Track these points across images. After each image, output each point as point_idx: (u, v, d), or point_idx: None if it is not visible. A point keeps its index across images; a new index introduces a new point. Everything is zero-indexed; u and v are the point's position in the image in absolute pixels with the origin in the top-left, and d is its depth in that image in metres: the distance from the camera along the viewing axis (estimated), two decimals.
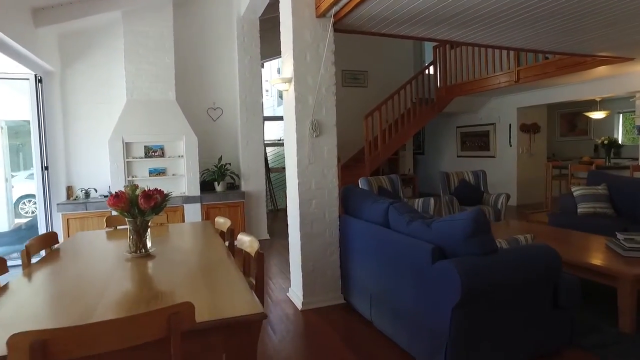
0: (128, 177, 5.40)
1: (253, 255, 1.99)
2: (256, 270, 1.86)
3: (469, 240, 2.14)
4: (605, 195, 4.56)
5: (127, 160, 5.39)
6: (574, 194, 4.69)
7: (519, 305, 2.24)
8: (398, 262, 2.49)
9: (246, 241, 2.17)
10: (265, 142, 9.00)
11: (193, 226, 3.15)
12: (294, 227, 3.43)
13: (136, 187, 2.15)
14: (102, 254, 2.40)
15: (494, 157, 8.89)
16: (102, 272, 2.00)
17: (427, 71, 8.80)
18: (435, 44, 9.16)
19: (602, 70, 6.01)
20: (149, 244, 2.23)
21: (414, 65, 9.98)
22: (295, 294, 3.47)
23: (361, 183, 5.07)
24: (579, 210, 4.59)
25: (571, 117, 10.85)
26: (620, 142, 9.77)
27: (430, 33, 3.78)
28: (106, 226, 3.11)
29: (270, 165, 8.92)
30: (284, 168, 8.79)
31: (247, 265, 2.26)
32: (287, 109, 3.45)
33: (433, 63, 8.82)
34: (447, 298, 2.06)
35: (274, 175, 9.13)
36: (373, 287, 2.86)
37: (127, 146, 5.41)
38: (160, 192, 2.20)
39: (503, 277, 2.14)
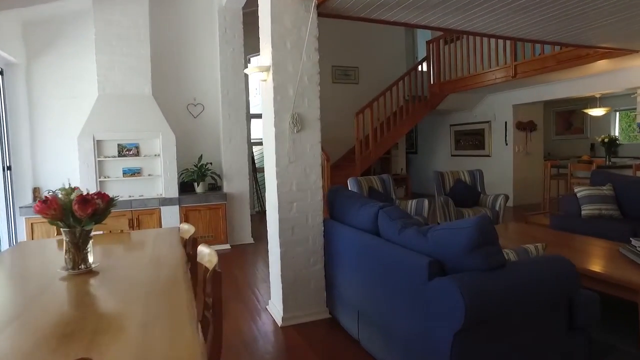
0: (100, 178, 5.00)
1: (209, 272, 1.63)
2: (212, 294, 1.50)
3: (472, 252, 1.79)
4: (611, 197, 4.26)
5: (99, 159, 4.99)
6: (578, 194, 4.38)
7: (530, 328, 1.91)
8: (389, 277, 2.14)
9: (205, 254, 1.82)
10: (252, 140, 8.65)
11: (157, 234, 2.78)
12: (272, 233, 3.08)
13: (73, 190, 1.77)
14: (38, 270, 2.03)
15: (489, 156, 8.59)
16: (26, 294, 1.63)
17: (420, 67, 8.48)
18: (428, 39, 8.85)
19: (601, 65, 5.73)
20: (91, 259, 1.86)
21: (406, 62, 9.66)
22: (276, 307, 3.12)
23: (350, 184, 4.72)
24: (583, 212, 4.28)
25: (567, 115, 10.61)
26: (618, 140, 9.53)
27: (423, 19, 3.44)
28: (57, 234, 2.72)
29: (257, 165, 8.54)
30: None
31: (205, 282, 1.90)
32: (265, 101, 3.10)
33: (426, 59, 8.51)
34: (448, 322, 1.72)
35: (262, 175, 8.75)
36: (360, 304, 2.51)
37: (99, 144, 5.01)
38: (103, 195, 1.83)
39: (513, 296, 1.80)
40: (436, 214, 5.04)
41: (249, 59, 8.36)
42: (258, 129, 8.72)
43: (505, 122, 8.16)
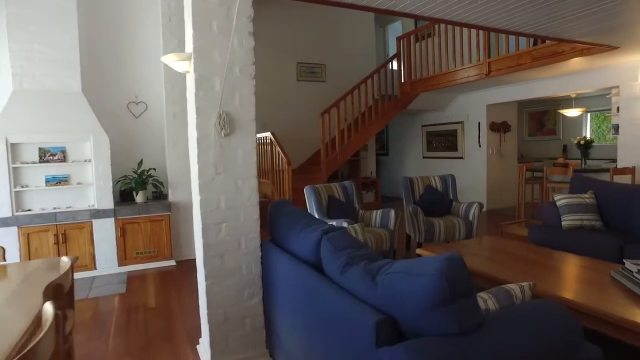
0: (15, 188, 4.29)
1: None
2: None
3: (437, 310, 1.26)
4: (592, 205, 3.85)
5: (14, 165, 4.28)
6: (557, 203, 3.95)
7: None
8: (328, 332, 1.59)
9: (48, 311, 1.22)
10: None
11: (34, 269, 2.14)
12: (198, 262, 2.49)
13: None
14: None
15: (462, 158, 8.20)
16: None
17: (390, 65, 8.01)
18: (399, 34, 8.41)
19: (577, 63, 5.37)
20: None
21: (376, 59, 9.19)
22: (205, 348, 2.53)
23: (307, 193, 4.17)
24: (563, 222, 3.85)
25: (540, 116, 10.37)
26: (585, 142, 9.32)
27: (384, 2, 2.92)
28: None
29: None
30: None
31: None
32: (188, 97, 2.50)
33: (396, 56, 8.05)
34: None
35: None
36: (299, 356, 1.96)
37: (14, 148, 4.30)
38: None
39: None
40: (405, 226, 4.55)
41: None
42: None
43: (479, 123, 7.78)
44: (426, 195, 4.76)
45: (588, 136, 9.48)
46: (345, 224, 3.66)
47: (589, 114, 9.56)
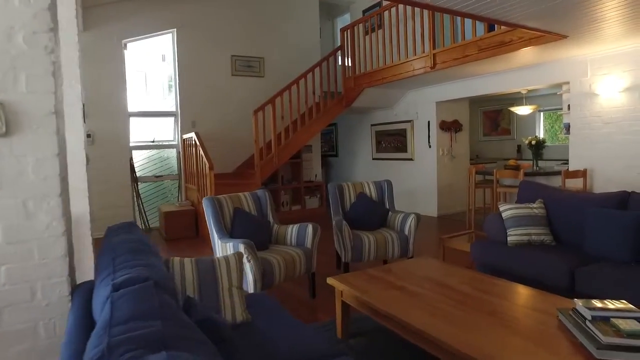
0: None
1: None
2: None
3: None
4: (542, 217, 3.27)
5: None
6: (503, 215, 3.36)
7: None
8: None
9: None
10: (131, 144, 7.09)
11: None
12: None
13: None
14: None
15: (412, 159, 7.64)
16: None
17: (340, 61, 7.34)
18: (343, 26, 7.76)
19: (527, 56, 4.87)
20: None
21: (322, 53, 8.50)
22: None
23: (205, 206, 3.40)
24: (509, 238, 3.26)
25: (494, 115, 10.01)
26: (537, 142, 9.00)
27: None
28: None
29: (138, 174, 6.98)
30: (157, 177, 6.87)
31: None
32: None
33: (340, 49, 7.39)
34: None
35: (145, 186, 7.20)
36: None
37: None
38: None
39: None
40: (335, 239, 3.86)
41: (125, 45, 6.79)
42: (141, 129, 7.17)
43: (428, 122, 7.23)
44: (358, 205, 4.09)
45: (541, 136, 9.17)
46: (241, 247, 2.92)
47: (542, 114, 9.26)
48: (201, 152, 5.87)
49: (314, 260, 3.46)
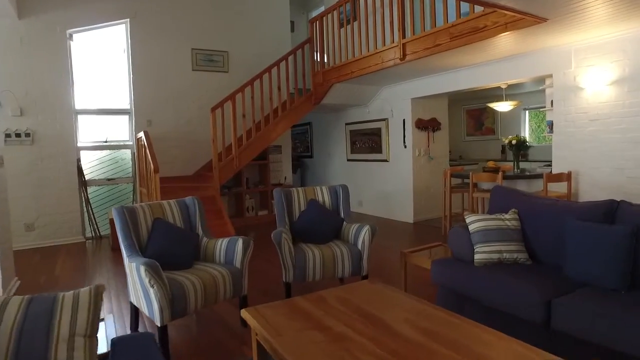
0: None
1: None
2: None
3: None
4: (515, 231, 2.73)
5: None
6: (469, 228, 2.82)
7: None
8: None
9: None
10: (80, 144, 6.47)
11: None
12: None
13: None
14: None
15: (386, 161, 7.10)
16: None
17: (303, 53, 6.77)
18: (312, 16, 7.20)
19: (506, 45, 4.36)
20: None
21: (292, 46, 7.94)
22: None
23: (114, 216, 2.83)
24: (476, 256, 2.71)
25: (478, 113, 9.51)
26: (527, 142, 8.52)
27: None
28: None
29: (87, 177, 6.36)
30: (110, 179, 6.25)
31: None
32: None
33: (309, 42, 6.83)
34: None
35: (96, 190, 6.58)
36: None
37: None
38: None
39: None
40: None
41: (71, 36, 6.18)
42: (93, 128, 6.55)
43: (404, 120, 6.69)
44: (307, 214, 3.53)
45: (527, 136, 8.68)
46: (142, 269, 2.35)
47: (527, 112, 8.77)
48: (148, 153, 5.27)
49: (244, 281, 2.89)
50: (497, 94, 8.15)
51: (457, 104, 9.51)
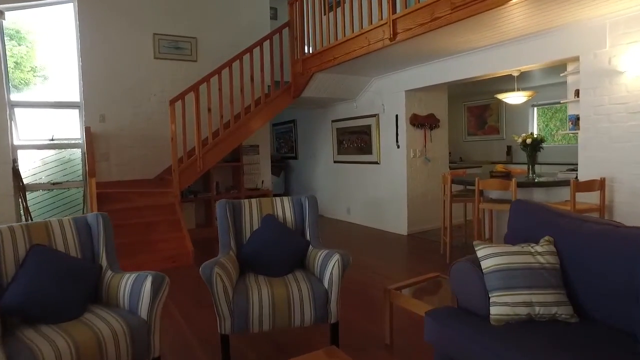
0: None
1: None
2: None
3: None
4: (552, 272, 1.82)
5: None
6: (482, 265, 1.90)
7: None
8: None
9: None
10: (18, 142, 5.55)
11: None
12: None
13: None
14: None
15: (377, 163, 6.19)
16: None
17: (279, 40, 5.86)
18: None
19: (521, 20, 3.47)
20: None
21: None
22: None
23: None
24: (492, 309, 1.79)
25: (480, 111, 8.61)
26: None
27: None
28: None
29: (26, 182, 5.43)
30: (55, 184, 5.35)
31: None
32: None
33: (289, 26, 5.92)
34: None
35: (39, 195, 5.65)
36: None
37: None
38: None
39: None
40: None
41: (2, 13, 5.25)
42: (35, 125, 5.62)
43: (396, 116, 5.79)
44: (261, 235, 2.61)
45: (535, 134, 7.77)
46: None
47: (535, 109, 7.88)
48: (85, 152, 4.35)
49: (153, 338, 1.97)
50: (502, 88, 7.25)
51: (457, 101, 8.61)
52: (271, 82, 5.74)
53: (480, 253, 1.92)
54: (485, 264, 1.88)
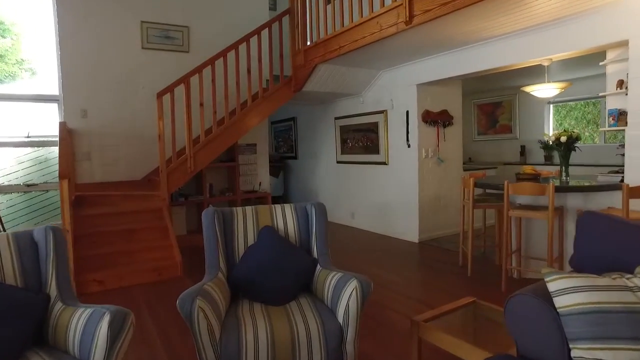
0: None
1: None
2: None
3: None
4: None
5: None
6: (557, 302, 1.40)
7: None
8: None
9: None
10: None
11: None
12: None
13: None
14: None
15: (385, 164, 5.69)
16: None
17: (279, 29, 5.35)
18: None
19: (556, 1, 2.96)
20: None
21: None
22: None
23: None
24: None
25: (491, 109, 8.13)
26: (549, 141, 7.14)
27: None
28: None
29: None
30: (30, 185, 4.82)
31: None
32: None
33: (290, 14, 5.42)
34: None
35: (9, 199, 5.13)
36: None
37: None
38: None
39: None
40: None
41: None
42: (3, 120, 5.11)
43: (407, 112, 5.29)
44: (256, 254, 2.10)
45: (550, 135, 7.28)
46: None
47: (551, 106, 7.39)
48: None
49: None
50: (522, 83, 6.78)
51: (467, 98, 8.11)
52: (270, 76, 5.23)
53: (554, 285, 1.41)
54: (563, 302, 1.38)
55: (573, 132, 3.61)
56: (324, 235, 2.26)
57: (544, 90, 3.97)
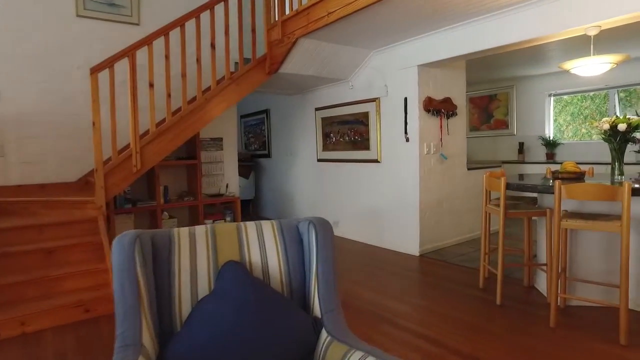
0: None
1: None
2: None
3: None
4: None
5: None
6: None
7: None
8: None
9: None
10: None
11: None
12: None
13: None
14: None
15: (377, 161, 4.80)
16: None
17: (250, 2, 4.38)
18: None
19: None
20: None
21: None
22: None
23: None
24: None
25: (484, 102, 7.41)
26: (551, 139, 6.51)
27: None
28: None
29: None
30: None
31: None
32: None
33: None
34: None
35: None
36: None
37: None
38: None
39: None
40: None
41: None
42: None
43: (405, 99, 4.42)
44: (215, 315, 1.13)
45: (550, 130, 6.64)
46: None
47: (552, 99, 6.72)
48: None
49: None
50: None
51: None
52: (240, 56, 4.25)
53: None
54: None
55: (632, 119, 2.82)
56: (332, 276, 1.32)
57: (588, 66, 3.16)
